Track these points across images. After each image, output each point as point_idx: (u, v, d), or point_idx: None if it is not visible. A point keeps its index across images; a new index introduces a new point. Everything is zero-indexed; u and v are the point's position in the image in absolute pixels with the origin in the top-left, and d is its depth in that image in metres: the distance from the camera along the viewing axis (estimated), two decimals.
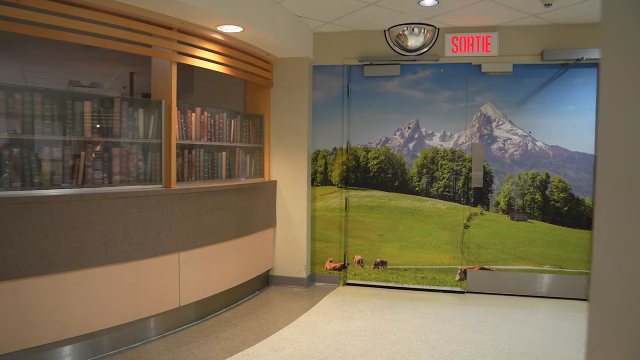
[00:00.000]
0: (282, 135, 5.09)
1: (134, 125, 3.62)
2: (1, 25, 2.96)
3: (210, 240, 4.00)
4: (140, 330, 3.57)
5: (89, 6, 3.17)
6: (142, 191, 3.46)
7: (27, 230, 2.88)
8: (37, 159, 3.15)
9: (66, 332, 3.12)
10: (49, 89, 3.35)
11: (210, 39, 4.06)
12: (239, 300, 4.54)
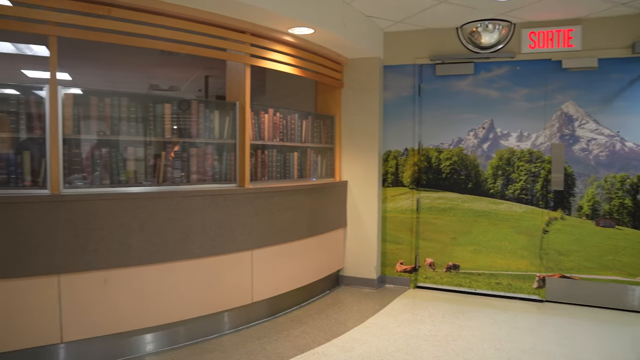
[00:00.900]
0: (353, 136, 5.09)
1: (209, 126, 3.76)
2: (93, 35, 3.21)
3: (282, 239, 4.08)
4: (215, 324, 3.70)
5: (168, 14, 3.35)
6: (218, 190, 3.60)
7: (116, 225, 3.09)
8: (122, 159, 3.37)
9: (148, 321, 3.30)
10: (134, 93, 3.58)
11: (282, 41, 4.14)
12: (310, 299, 4.59)
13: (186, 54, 3.69)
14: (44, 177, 3.02)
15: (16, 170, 3.03)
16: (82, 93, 3.30)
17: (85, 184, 3.18)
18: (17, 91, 3.27)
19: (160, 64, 7.07)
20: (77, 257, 2.98)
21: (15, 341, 2.91)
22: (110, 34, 3.24)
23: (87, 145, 3.28)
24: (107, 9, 3.15)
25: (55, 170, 2.97)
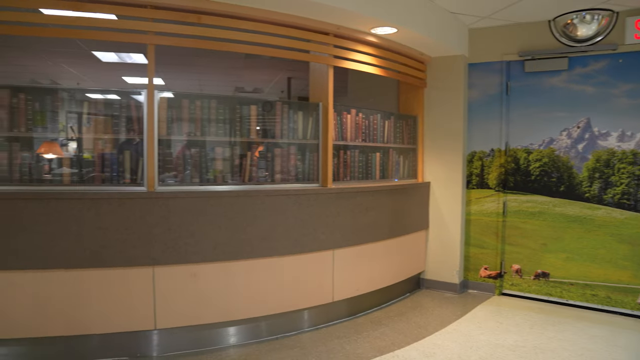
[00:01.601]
0: (436, 136, 4.96)
1: (293, 127, 3.84)
2: (186, 42, 3.40)
3: (363, 239, 4.07)
4: (295, 321, 3.77)
5: (252, 19, 3.47)
6: (301, 189, 3.67)
7: (205, 221, 3.25)
8: (210, 158, 3.54)
9: (232, 314, 3.44)
10: (222, 96, 3.75)
11: (365, 41, 4.13)
12: (389, 301, 4.54)
13: (270, 57, 3.81)
14: (141, 175, 3.25)
15: (118, 168, 3.29)
16: (175, 96, 3.51)
17: (175, 182, 3.38)
18: (118, 96, 3.55)
19: (244, 67, 7.35)
20: (169, 251, 3.18)
21: (116, 324, 3.17)
22: (201, 40, 3.42)
23: (178, 146, 3.49)
24: (197, 17, 3.33)
25: (151, 168, 3.19)
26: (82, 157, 3.45)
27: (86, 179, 3.35)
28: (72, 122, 3.42)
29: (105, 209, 3.07)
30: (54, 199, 3.04)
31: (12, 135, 3.25)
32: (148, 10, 3.23)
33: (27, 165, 3.27)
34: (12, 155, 3.23)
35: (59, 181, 3.33)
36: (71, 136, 3.47)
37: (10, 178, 3.19)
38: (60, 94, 3.52)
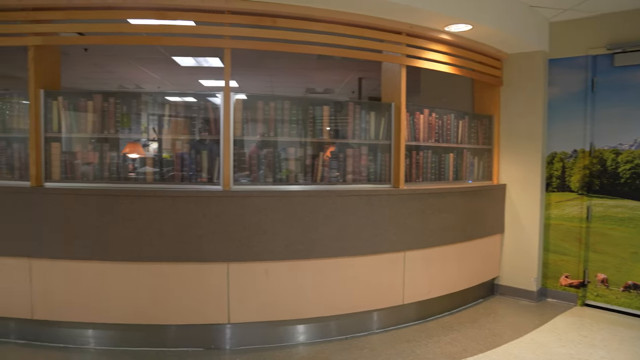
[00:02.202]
0: (513, 136, 4.74)
1: (365, 127, 3.83)
2: (261, 45, 3.50)
3: (435, 241, 3.98)
4: (365, 322, 3.76)
5: (325, 20, 3.51)
6: (373, 190, 3.65)
7: (277, 220, 3.32)
8: (283, 158, 3.61)
9: (302, 312, 3.48)
10: (295, 97, 3.81)
11: (438, 39, 4.03)
12: (461, 306, 4.40)
13: (341, 57, 3.83)
14: (218, 175, 3.38)
15: (196, 168, 3.44)
16: (250, 98, 3.62)
17: (248, 181, 3.48)
18: (195, 99, 3.72)
19: (315, 68, 7.43)
20: (243, 248, 3.28)
21: (192, 316, 3.32)
22: (275, 43, 3.51)
23: (252, 146, 3.59)
24: (272, 20, 3.41)
25: (227, 168, 3.31)
26: (162, 157, 3.65)
27: (166, 178, 3.54)
28: (152, 124, 3.63)
29: (184, 207, 3.23)
30: (138, 196, 3.25)
31: (103, 137, 3.51)
32: (226, 15, 3.36)
33: (115, 164, 3.51)
34: (102, 154, 3.48)
35: (142, 179, 3.54)
36: (153, 137, 3.68)
37: (102, 176, 3.45)
38: (144, 97, 3.74)
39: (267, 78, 8.61)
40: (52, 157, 3.44)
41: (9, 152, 3.62)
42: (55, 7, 3.35)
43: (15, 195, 3.39)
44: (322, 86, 9.29)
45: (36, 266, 3.37)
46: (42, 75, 3.46)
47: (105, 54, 6.72)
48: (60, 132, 3.48)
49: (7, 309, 3.46)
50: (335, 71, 7.77)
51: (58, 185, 3.40)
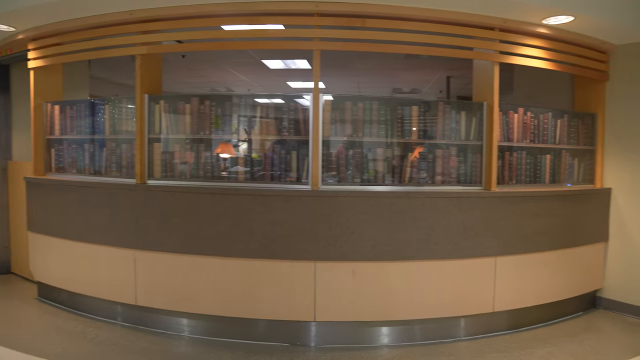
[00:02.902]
0: (621, 136, 4.33)
1: (455, 127, 3.71)
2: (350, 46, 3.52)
3: (529, 248, 3.76)
4: (451, 328, 3.64)
5: (414, 18, 3.46)
6: (463, 192, 3.53)
7: (364, 220, 3.33)
8: (370, 159, 3.61)
9: (387, 314, 3.45)
10: (383, 97, 3.81)
11: (534, 34, 3.81)
12: (557, 318, 4.11)
13: (428, 56, 3.75)
14: (306, 175, 3.45)
15: (285, 168, 3.54)
16: (338, 99, 3.65)
17: (335, 181, 3.51)
18: (283, 100, 3.83)
19: (402, 67, 7.33)
20: (330, 248, 3.32)
21: (280, 312, 3.42)
22: (364, 44, 3.52)
23: (339, 146, 3.62)
24: (361, 21, 3.42)
25: (315, 168, 3.36)
26: (252, 157, 3.79)
27: (256, 177, 3.68)
28: (243, 125, 3.79)
29: (274, 205, 3.33)
30: (230, 194, 3.41)
31: (198, 137, 3.72)
32: (315, 18, 3.41)
33: (209, 164, 3.70)
34: (198, 154, 3.69)
35: (234, 178, 3.70)
36: (244, 138, 3.84)
37: (197, 174, 3.66)
38: (236, 99, 3.92)
39: (353, 79, 8.64)
40: (154, 156, 3.70)
41: (117, 152, 3.96)
42: (160, 18, 3.61)
43: (123, 191, 3.70)
44: (409, 86, 9.15)
45: (140, 257, 3.65)
46: (146, 81, 3.74)
47: (200, 59, 7.12)
48: (161, 133, 3.74)
49: (116, 294, 3.79)
50: (423, 70, 7.61)
51: (159, 183, 3.66)
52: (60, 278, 4.17)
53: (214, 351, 3.35)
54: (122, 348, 3.39)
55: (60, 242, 4.07)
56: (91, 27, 3.90)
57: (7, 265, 5.36)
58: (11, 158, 5.34)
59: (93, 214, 3.85)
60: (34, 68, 4.42)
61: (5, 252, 5.34)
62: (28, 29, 4.20)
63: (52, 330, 3.75)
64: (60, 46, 4.15)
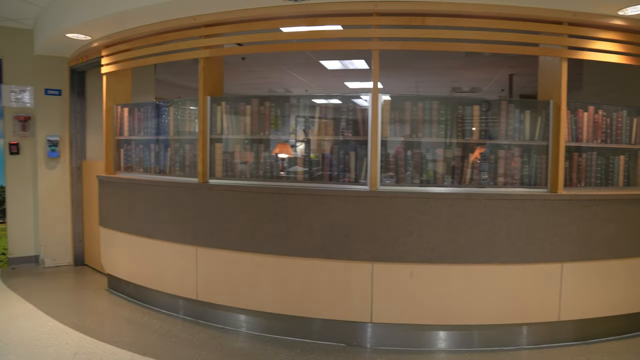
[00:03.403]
0: None
1: (519, 127, 3.57)
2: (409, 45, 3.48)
3: (600, 254, 3.54)
4: (512, 336, 3.50)
5: (476, 15, 3.36)
6: (527, 194, 3.39)
7: (423, 221, 3.28)
8: (430, 159, 3.54)
9: (444, 318, 3.38)
10: (443, 96, 3.73)
11: (608, 26, 3.58)
12: (632, 332, 3.84)
13: (490, 54, 3.62)
14: (365, 175, 3.44)
15: (344, 168, 3.55)
16: (397, 99, 3.61)
17: (392, 182, 3.47)
18: (342, 101, 3.83)
19: (461, 66, 7.16)
20: (388, 249, 3.29)
21: (336, 312, 3.43)
22: (423, 42, 3.46)
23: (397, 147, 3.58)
24: (421, 19, 3.37)
25: (374, 169, 3.35)
26: (310, 157, 3.82)
27: (315, 177, 3.70)
28: (302, 126, 3.83)
29: (333, 205, 3.35)
30: (289, 193, 3.46)
31: (257, 138, 3.80)
32: (374, 17, 3.39)
33: (269, 164, 3.77)
34: (257, 154, 3.77)
35: (293, 178, 3.75)
36: (303, 138, 3.88)
37: (257, 174, 3.74)
38: (295, 100, 3.97)
39: (411, 78, 8.53)
40: (216, 156, 3.82)
41: (180, 152, 4.11)
42: (223, 22, 3.73)
43: (186, 190, 3.85)
44: (469, 85, 8.92)
45: (201, 254, 3.78)
46: (209, 83, 3.87)
47: (259, 61, 7.27)
48: (223, 134, 3.85)
49: (178, 288, 3.95)
50: (484, 68, 7.39)
51: (220, 182, 3.77)
52: (128, 271, 4.40)
53: (270, 348, 3.41)
54: (184, 341, 3.52)
55: (128, 237, 4.30)
56: (157, 32, 4.08)
57: (82, 258, 5.72)
58: (85, 158, 5.69)
59: (158, 211, 4.03)
60: (106, 73, 4.68)
61: (79, 245, 5.69)
62: (102, 37, 4.46)
63: (120, 320, 3.96)
64: (130, 52, 4.38)
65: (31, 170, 5.60)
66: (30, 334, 3.60)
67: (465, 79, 8.32)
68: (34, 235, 5.66)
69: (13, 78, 5.45)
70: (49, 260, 5.63)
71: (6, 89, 5.42)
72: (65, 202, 5.67)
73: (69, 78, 5.59)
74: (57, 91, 5.58)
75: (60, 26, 4.35)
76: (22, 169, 5.57)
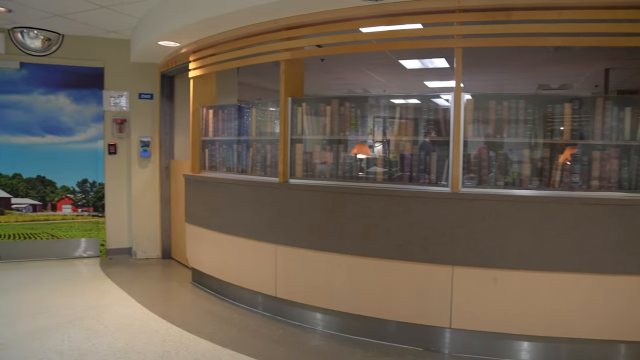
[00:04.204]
0: None
1: (617, 126, 3.30)
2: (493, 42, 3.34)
3: None
4: (606, 353, 3.22)
5: (567, 6, 3.12)
6: (627, 199, 3.11)
7: (508, 226, 3.13)
8: (514, 161, 3.36)
9: (529, 328, 3.20)
10: (530, 94, 3.55)
11: None
12: None
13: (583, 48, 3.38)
14: (446, 176, 3.34)
15: (424, 169, 3.47)
16: (481, 98, 3.47)
17: (474, 183, 3.34)
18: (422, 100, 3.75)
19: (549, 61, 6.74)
20: (470, 253, 3.17)
21: (413, 315, 3.37)
22: (509, 38, 3.30)
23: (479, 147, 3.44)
24: (506, 14, 3.21)
25: (456, 170, 3.24)
26: (389, 158, 3.79)
27: (394, 178, 3.66)
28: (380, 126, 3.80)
29: (412, 207, 3.29)
30: (368, 194, 3.44)
31: (336, 138, 3.83)
32: (456, 14, 3.29)
33: (348, 164, 3.78)
34: (336, 155, 3.80)
35: (372, 179, 3.73)
36: (382, 139, 3.85)
37: (336, 174, 3.77)
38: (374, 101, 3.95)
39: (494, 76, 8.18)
40: (296, 156, 3.90)
41: (262, 152, 4.24)
42: (303, 25, 3.79)
43: (267, 189, 3.96)
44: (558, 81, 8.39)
45: (280, 252, 3.87)
46: (289, 85, 3.95)
47: (337, 62, 7.32)
48: (303, 134, 3.92)
49: (257, 284, 4.08)
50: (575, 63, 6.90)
51: (300, 182, 3.84)
52: (211, 266, 4.61)
53: (347, 348, 3.42)
54: (262, 336, 3.63)
55: (211, 233, 4.50)
56: (241, 37, 4.24)
57: (168, 251, 6.08)
58: (173, 157, 6.04)
59: (239, 209, 4.18)
60: (193, 77, 4.94)
61: (167, 240, 6.05)
62: (189, 43, 4.71)
63: (203, 312, 4.15)
64: (215, 56, 4.58)
65: (126, 169, 6.04)
66: (125, 319, 3.89)
67: (554, 75, 7.83)
68: (127, 229, 6.10)
69: (112, 84, 5.92)
70: (140, 252, 6.04)
71: (106, 94, 5.90)
72: (154, 199, 6.05)
73: (159, 83, 5.96)
74: (149, 95, 5.98)
75: (153, 34, 4.65)
76: (118, 167, 6.03)
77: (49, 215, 5.97)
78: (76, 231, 6.02)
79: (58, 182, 5.98)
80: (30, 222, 5.91)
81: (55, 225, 5.97)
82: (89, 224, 6.05)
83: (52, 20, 5.13)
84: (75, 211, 6.03)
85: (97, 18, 4.96)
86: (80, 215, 6.04)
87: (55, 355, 3.22)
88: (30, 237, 5.88)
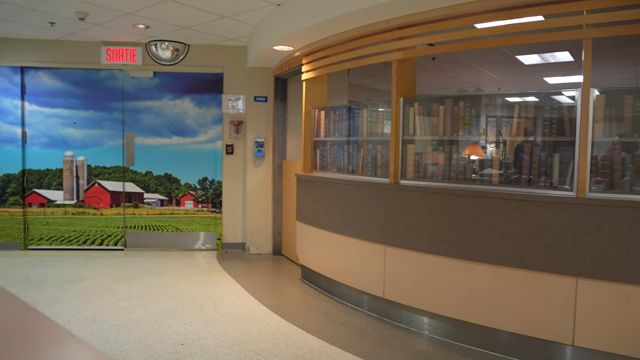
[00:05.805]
0: None
1: None
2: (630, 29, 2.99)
3: None
4: None
5: None
6: None
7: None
8: None
9: None
10: None
11: None
12: None
13: None
14: (570, 180, 3.08)
15: (545, 171, 3.23)
16: (614, 93, 3.13)
17: (601, 188, 3.02)
18: (544, 98, 3.48)
19: None
20: (597, 264, 2.88)
21: (530, 328, 3.15)
22: None
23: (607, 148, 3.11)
24: None
25: (583, 173, 2.97)
26: (504, 159, 3.58)
27: (510, 180, 3.45)
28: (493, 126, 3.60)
29: (531, 212, 3.08)
30: (483, 197, 3.28)
31: (448, 139, 3.70)
32: (585, 2, 3.01)
33: (461, 165, 3.64)
34: (449, 156, 3.68)
35: (487, 181, 3.56)
36: (498, 139, 3.65)
37: (448, 175, 3.65)
38: (490, 99, 3.75)
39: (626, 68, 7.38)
40: (407, 157, 3.85)
41: (372, 153, 4.25)
42: (415, 24, 3.73)
43: (377, 189, 3.96)
44: None
45: (389, 253, 3.84)
46: (401, 85, 3.91)
47: (449, 60, 7.10)
48: (414, 134, 3.86)
49: (365, 284, 4.09)
50: None
51: (411, 183, 3.78)
52: (320, 264, 4.72)
53: (454, 355, 3.30)
54: (368, 336, 3.63)
55: (320, 232, 4.61)
56: (352, 38, 4.28)
57: (279, 248, 6.34)
58: (285, 157, 6.29)
59: (349, 209, 4.23)
60: (306, 79, 5.09)
61: (278, 236, 6.32)
62: (302, 47, 4.87)
63: (311, 308, 4.27)
64: (327, 59, 4.68)
65: (241, 168, 6.41)
66: (238, 310, 4.13)
67: None
68: (242, 224, 6.47)
69: (230, 88, 6.33)
70: (253, 248, 6.38)
71: (225, 98, 6.32)
72: (267, 197, 6.35)
73: (273, 86, 6.25)
74: (263, 98, 6.29)
75: (268, 40, 4.88)
76: (235, 167, 6.42)
77: (174, 209, 6.56)
78: (197, 225, 6.53)
79: (182, 180, 6.54)
80: (159, 216, 6.53)
81: (179, 219, 6.54)
82: (207, 219, 6.53)
83: (181, 32, 5.62)
84: (196, 207, 6.55)
85: (218, 27, 5.34)
86: (200, 210, 6.54)
87: (179, 337, 3.52)
88: (157, 229, 6.50)
